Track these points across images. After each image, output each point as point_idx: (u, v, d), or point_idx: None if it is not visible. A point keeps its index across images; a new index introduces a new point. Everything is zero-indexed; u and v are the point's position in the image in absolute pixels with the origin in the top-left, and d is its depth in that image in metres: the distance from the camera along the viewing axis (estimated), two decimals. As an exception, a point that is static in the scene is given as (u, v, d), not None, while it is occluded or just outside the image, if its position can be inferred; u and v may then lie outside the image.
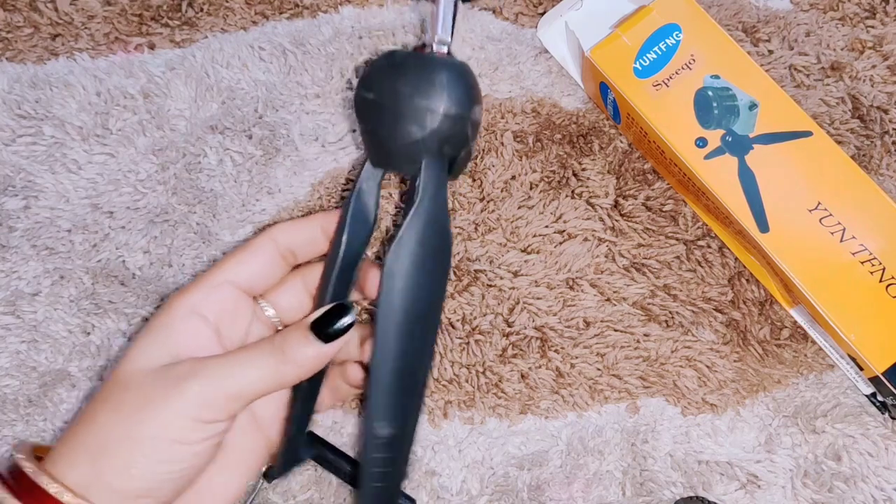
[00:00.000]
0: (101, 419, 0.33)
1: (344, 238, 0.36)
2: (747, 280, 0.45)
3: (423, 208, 0.35)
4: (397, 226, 0.40)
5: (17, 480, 0.32)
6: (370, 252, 0.46)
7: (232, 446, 0.37)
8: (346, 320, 0.35)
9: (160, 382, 0.33)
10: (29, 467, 0.32)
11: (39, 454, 0.35)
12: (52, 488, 0.31)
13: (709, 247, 0.46)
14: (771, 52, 0.47)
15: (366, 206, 0.37)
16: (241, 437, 0.37)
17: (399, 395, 0.35)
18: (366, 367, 0.39)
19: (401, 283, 0.34)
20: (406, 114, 0.34)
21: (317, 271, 0.39)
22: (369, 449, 0.35)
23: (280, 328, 0.39)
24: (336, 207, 0.46)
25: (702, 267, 0.45)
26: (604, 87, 0.44)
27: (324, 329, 0.35)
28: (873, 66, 0.47)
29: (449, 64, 0.35)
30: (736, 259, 0.45)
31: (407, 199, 0.41)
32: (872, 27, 0.47)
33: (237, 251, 0.38)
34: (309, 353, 0.34)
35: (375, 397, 0.34)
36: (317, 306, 0.37)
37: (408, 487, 0.44)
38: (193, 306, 0.36)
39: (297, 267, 0.40)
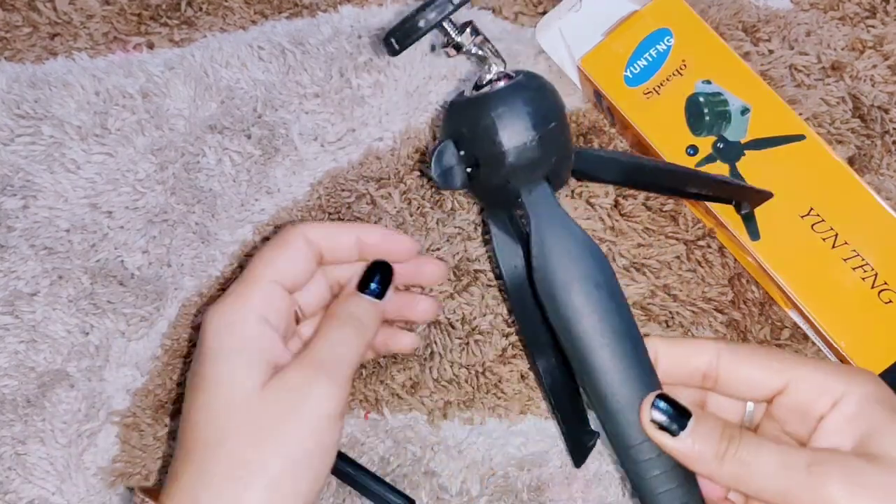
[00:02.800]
0: (237, 449, 0.32)
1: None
2: (747, 280, 0.45)
3: None
4: None
5: None
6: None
7: None
8: (382, 273, 0.38)
9: (286, 400, 0.33)
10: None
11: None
12: None
13: (709, 247, 0.46)
14: (771, 51, 0.47)
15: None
16: None
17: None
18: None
19: None
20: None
21: (341, 267, 0.40)
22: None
23: (300, 315, 0.39)
24: (335, 215, 0.46)
25: (702, 267, 0.45)
26: (598, 94, 0.44)
27: (367, 286, 0.38)
28: (874, 66, 0.47)
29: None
30: (735, 260, 0.45)
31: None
32: (873, 27, 0.47)
33: (273, 249, 0.37)
34: (373, 312, 0.37)
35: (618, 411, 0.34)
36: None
37: (407, 488, 0.44)
38: (262, 313, 0.35)
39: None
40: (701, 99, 0.42)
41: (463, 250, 0.46)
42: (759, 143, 0.41)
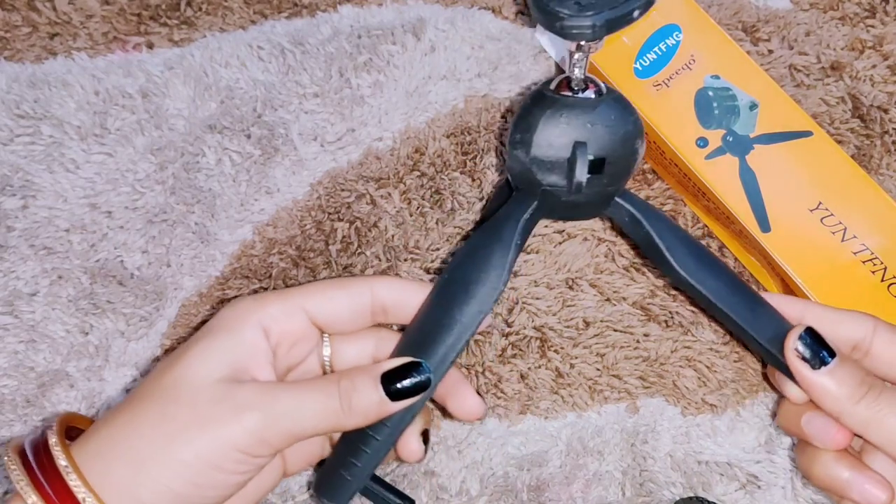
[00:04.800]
0: (147, 429, 0.32)
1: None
2: (747, 280, 0.45)
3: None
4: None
5: (43, 469, 0.31)
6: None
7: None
8: (418, 380, 0.33)
9: (217, 404, 0.32)
10: (63, 463, 0.31)
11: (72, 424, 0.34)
12: (80, 493, 0.30)
13: (709, 247, 0.46)
14: (771, 51, 0.47)
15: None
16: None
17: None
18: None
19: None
20: None
21: (393, 341, 0.37)
22: None
23: (328, 369, 0.37)
24: (340, 218, 0.46)
25: (702, 267, 0.45)
26: (603, 89, 0.44)
27: (393, 384, 0.33)
28: (873, 66, 0.47)
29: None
30: (736, 259, 0.45)
31: None
32: (872, 27, 0.47)
33: (329, 286, 0.35)
34: (373, 406, 0.33)
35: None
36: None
37: (407, 488, 0.44)
38: (263, 321, 0.34)
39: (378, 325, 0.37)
40: (710, 93, 0.42)
41: (463, 250, 0.46)
42: (768, 138, 0.42)
